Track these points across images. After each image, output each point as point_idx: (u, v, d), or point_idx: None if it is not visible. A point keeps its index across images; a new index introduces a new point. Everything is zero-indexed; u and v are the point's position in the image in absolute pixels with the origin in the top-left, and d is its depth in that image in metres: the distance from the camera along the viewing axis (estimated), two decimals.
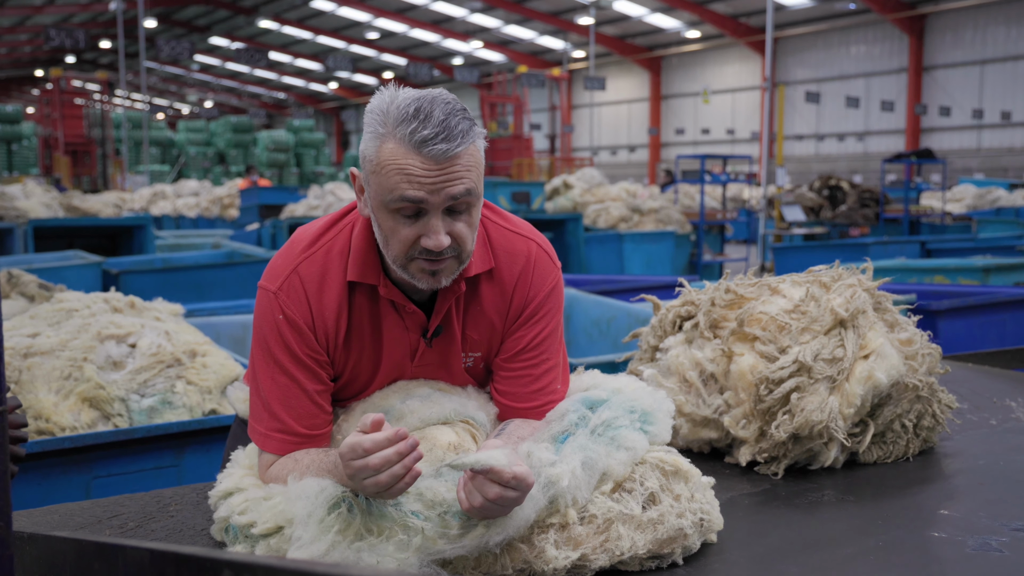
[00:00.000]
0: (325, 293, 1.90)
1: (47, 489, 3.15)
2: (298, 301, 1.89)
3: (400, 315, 1.95)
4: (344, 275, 1.91)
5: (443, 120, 1.73)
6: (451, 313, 1.97)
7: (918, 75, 34.94)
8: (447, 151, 1.73)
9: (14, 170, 29.82)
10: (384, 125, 1.77)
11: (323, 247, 1.94)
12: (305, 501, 1.70)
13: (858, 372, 2.39)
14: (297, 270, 1.91)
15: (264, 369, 1.90)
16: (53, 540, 1.66)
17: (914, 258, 11.00)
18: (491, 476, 1.62)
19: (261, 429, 1.90)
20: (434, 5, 40.94)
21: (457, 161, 1.75)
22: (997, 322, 5.90)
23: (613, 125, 47.09)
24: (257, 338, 1.92)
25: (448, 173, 1.75)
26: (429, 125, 1.72)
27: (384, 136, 1.76)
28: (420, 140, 1.72)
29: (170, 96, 67.92)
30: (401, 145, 1.74)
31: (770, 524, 2.07)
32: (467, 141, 1.76)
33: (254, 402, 1.93)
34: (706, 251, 15.19)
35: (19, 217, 12.18)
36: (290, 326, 1.87)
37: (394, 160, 1.75)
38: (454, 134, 1.74)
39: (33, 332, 3.67)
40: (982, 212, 19.72)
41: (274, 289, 1.89)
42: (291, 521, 1.72)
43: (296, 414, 1.88)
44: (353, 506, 1.70)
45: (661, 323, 2.74)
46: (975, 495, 2.24)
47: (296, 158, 36.13)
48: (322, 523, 1.67)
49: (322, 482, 1.73)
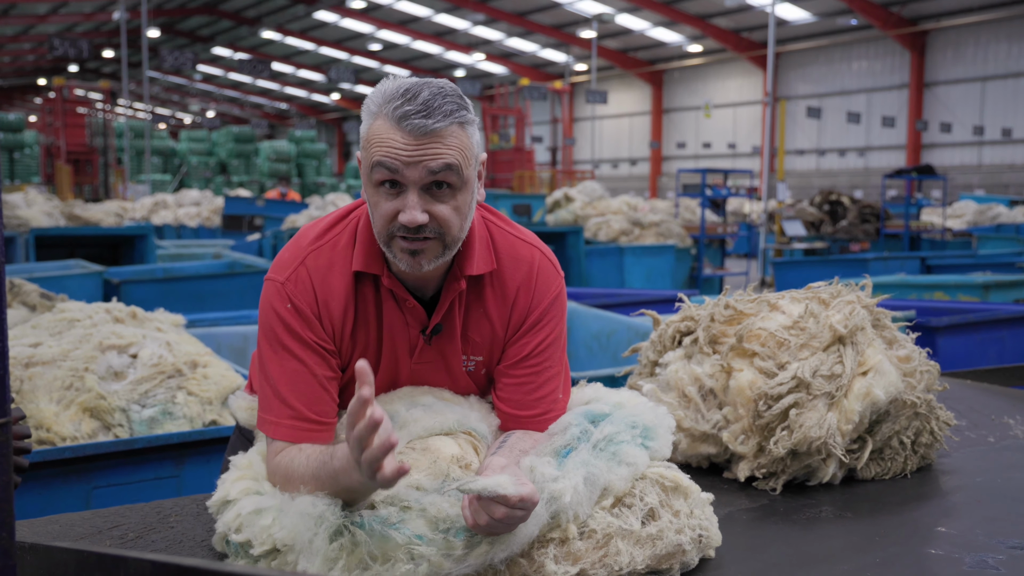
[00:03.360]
0: (332, 284, 1.93)
1: (47, 499, 3.15)
2: (305, 291, 1.91)
3: (401, 308, 1.96)
4: (350, 267, 1.94)
5: (427, 99, 1.78)
6: (452, 312, 1.98)
7: (919, 91, 35.02)
8: (425, 126, 1.77)
9: (16, 178, 29.85)
10: (377, 105, 1.83)
11: (330, 240, 1.97)
12: (304, 524, 1.69)
13: (856, 389, 2.40)
14: (304, 262, 1.93)
15: (272, 357, 1.90)
16: (54, 551, 1.66)
17: (914, 274, 11.01)
18: (498, 500, 1.63)
19: (271, 418, 1.90)
20: (437, 17, 41.04)
21: (438, 139, 1.79)
22: (996, 339, 5.90)
23: (615, 138, 47.16)
24: (264, 329, 1.93)
25: (426, 148, 1.79)
26: (414, 103, 1.78)
27: (375, 115, 1.83)
28: (401, 115, 1.78)
29: (172, 106, 68.02)
30: (386, 121, 1.80)
31: (768, 540, 2.08)
32: (449, 120, 1.80)
33: (263, 393, 1.93)
34: (706, 265, 15.20)
35: (20, 226, 12.20)
36: (298, 314, 1.89)
37: (378, 135, 1.81)
38: (435, 112, 1.78)
39: (35, 342, 3.68)
40: (982, 228, 19.73)
41: (282, 280, 1.91)
42: (288, 546, 1.71)
43: (306, 399, 1.89)
44: (356, 535, 1.69)
45: (661, 338, 2.75)
46: (972, 512, 2.24)
47: (298, 168, 36.19)
48: (325, 556, 1.66)
49: (318, 504, 1.71)
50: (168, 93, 63.16)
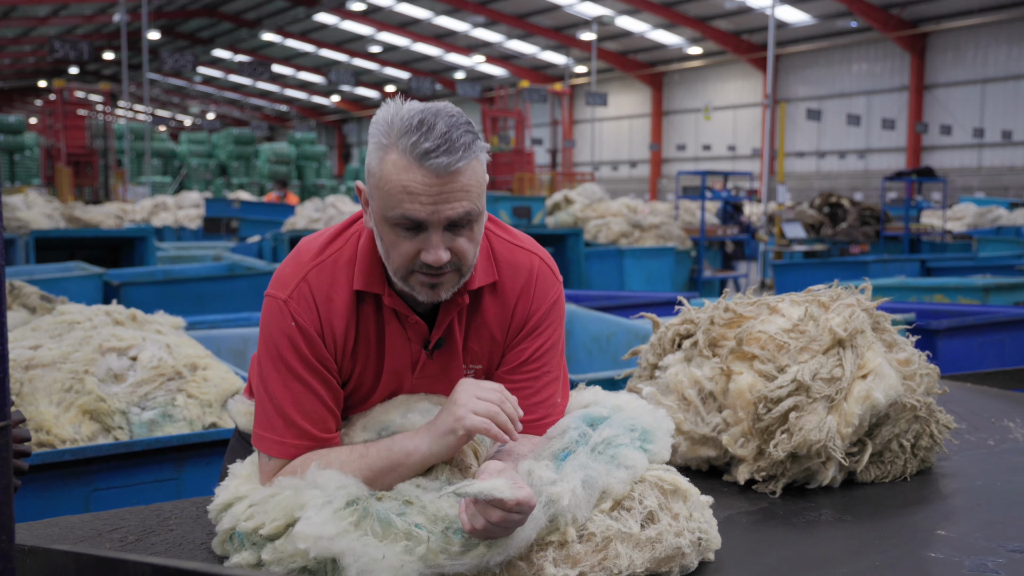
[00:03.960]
0: (334, 302, 1.91)
1: (47, 501, 3.16)
2: (308, 309, 1.89)
3: (403, 325, 1.96)
4: (351, 284, 1.92)
5: (445, 132, 1.74)
6: (453, 325, 1.98)
7: (919, 93, 35.04)
8: (448, 165, 1.73)
9: (16, 180, 29.85)
10: (388, 136, 1.78)
11: (331, 256, 1.94)
12: (322, 491, 1.73)
13: (856, 392, 2.40)
14: (306, 278, 1.91)
15: (275, 377, 1.89)
16: (54, 553, 1.66)
17: (914, 276, 11.02)
18: (494, 504, 1.63)
19: (275, 437, 1.89)
20: (437, 19, 41.08)
21: (458, 178, 1.76)
22: (996, 342, 5.90)
23: (614, 140, 47.18)
24: (266, 347, 1.91)
25: (449, 190, 1.75)
26: (431, 137, 1.73)
27: (387, 147, 1.78)
28: (422, 152, 1.73)
29: (172, 108, 68.04)
30: (403, 157, 1.75)
31: (767, 543, 2.08)
32: (469, 156, 1.77)
33: (263, 411, 1.92)
34: (706, 267, 15.20)
35: (20, 228, 12.19)
36: (302, 333, 1.88)
37: (396, 175, 1.76)
38: (455, 147, 1.74)
39: (35, 344, 3.68)
40: (982, 231, 19.72)
41: (284, 297, 1.90)
42: (302, 508, 1.72)
43: (312, 419, 1.88)
44: (367, 509, 1.71)
45: (660, 341, 2.75)
46: (972, 516, 2.24)
47: (298, 170, 36.21)
48: (337, 512, 1.69)
49: (344, 478, 1.76)
50: (168, 95, 63.19)
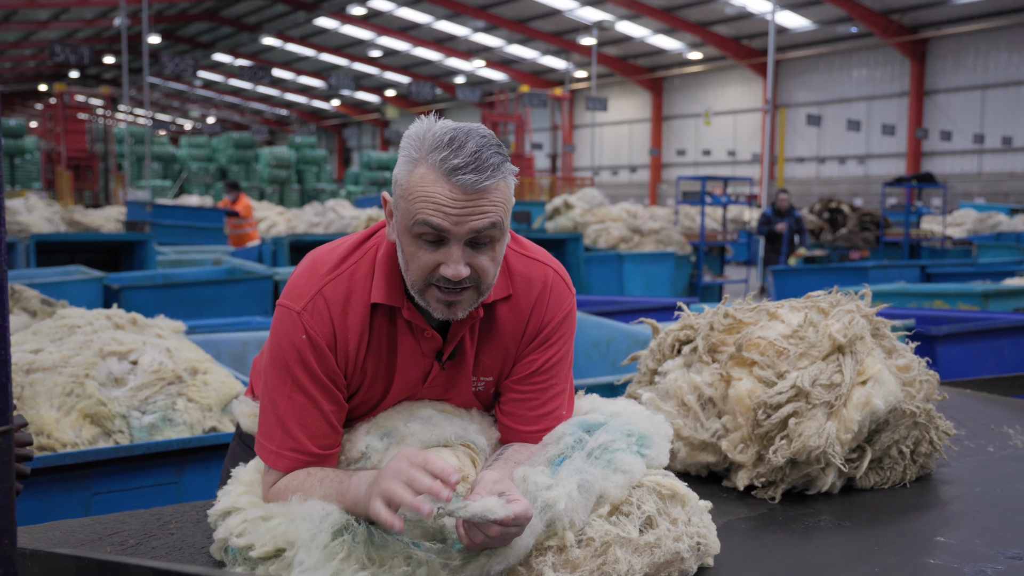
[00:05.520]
0: (349, 315, 1.90)
1: (47, 505, 3.16)
2: (322, 322, 1.88)
3: (416, 339, 1.95)
4: (368, 298, 1.91)
5: (475, 152, 1.75)
6: (465, 338, 1.98)
7: (919, 99, 35.06)
8: (476, 182, 1.74)
9: (17, 184, 29.85)
10: (418, 151, 1.79)
11: (348, 270, 1.94)
12: (308, 523, 1.71)
13: (856, 398, 2.40)
14: (322, 291, 1.90)
15: (281, 388, 1.89)
16: (55, 557, 1.66)
17: (914, 282, 11.02)
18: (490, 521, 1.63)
19: (272, 447, 1.90)
20: (437, 24, 41.12)
21: (485, 195, 1.77)
22: (996, 348, 5.90)
23: (614, 145, 47.20)
24: (275, 356, 1.90)
25: (474, 205, 1.76)
26: (461, 155, 1.74)
27: (417, 161, 1.79)
28: (450, 168, 1.74)
29: (173, 112, 68.08)
30: (432, 171, 1.76)
31: (767, 549, 2.08)
32: (497, 176, 1.77)
33: (265, 419, 1.92)
34: (706, 272, 15.20)
35: (21, 231, 12.21)
36: (312, 346, 1.87)
37: (423, 186, 1.77)
38: (484, 166, 1.75)
39: (35, 348, 3.69)
40: (982, 237, 19.75)
41: (298, 309, 1.88)
42: (291, 543, 1.72)
43: (311, 433, 1.88)
44: (357, 534, 1.70)
45: (660, 347, 2.75)
46: (971, 522, 2.24)
47: (298, 175, 36.21)
48: (326, 548, 1.67)
49: (327, 506, 1.74)
50: (169, 99, 63.24)
